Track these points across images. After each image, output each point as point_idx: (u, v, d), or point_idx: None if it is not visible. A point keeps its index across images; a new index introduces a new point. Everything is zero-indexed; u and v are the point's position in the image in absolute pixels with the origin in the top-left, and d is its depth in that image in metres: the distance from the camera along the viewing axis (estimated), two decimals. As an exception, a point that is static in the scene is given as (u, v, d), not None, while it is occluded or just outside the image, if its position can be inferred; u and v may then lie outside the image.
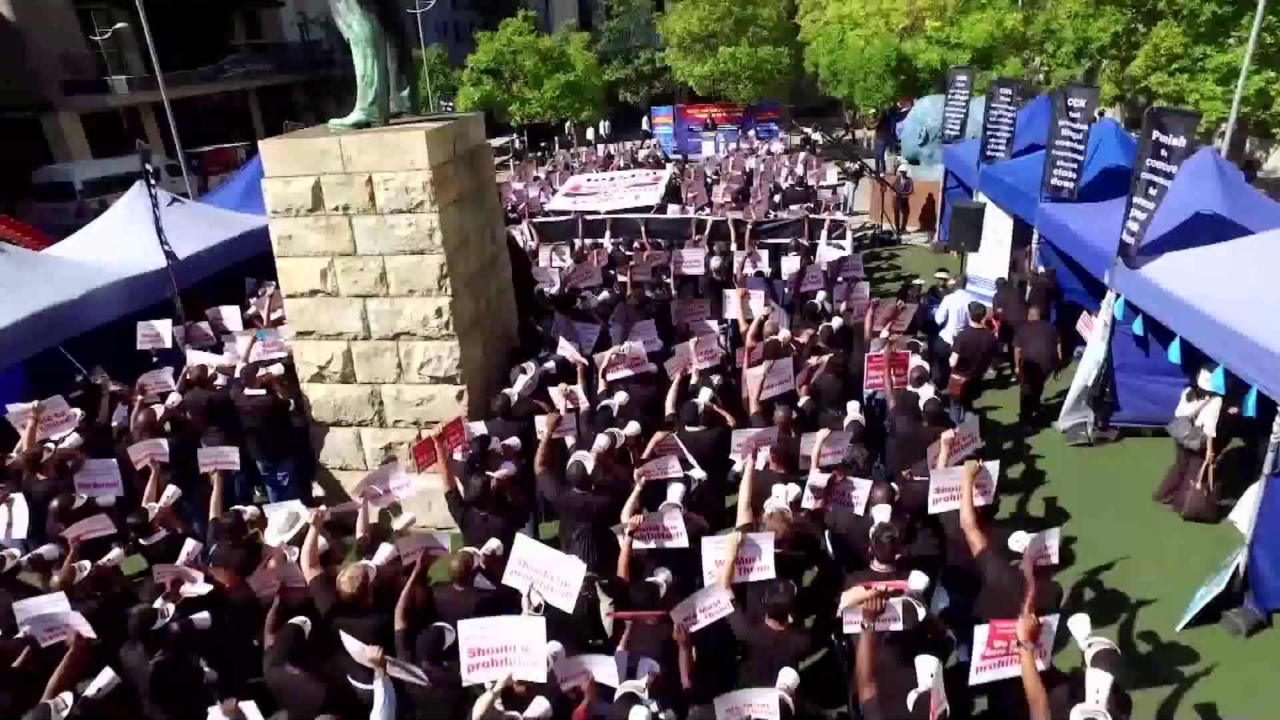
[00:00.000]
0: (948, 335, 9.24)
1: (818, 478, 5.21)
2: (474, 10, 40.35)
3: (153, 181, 9.11)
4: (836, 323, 7.99)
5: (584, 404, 6.09)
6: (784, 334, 7.31)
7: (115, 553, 5.06)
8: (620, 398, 6.11)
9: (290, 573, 4.83)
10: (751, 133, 25.28)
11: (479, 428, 5.81)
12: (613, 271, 10.70)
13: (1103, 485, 7.80)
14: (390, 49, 6.44)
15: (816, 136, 24.41)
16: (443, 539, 4.71)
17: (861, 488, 5.20)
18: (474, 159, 6.80)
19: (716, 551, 4.31)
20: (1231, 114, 11.42)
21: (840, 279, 9.32)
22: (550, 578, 4.19)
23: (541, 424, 5.55)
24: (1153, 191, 7.06)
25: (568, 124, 27.88)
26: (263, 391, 6.66)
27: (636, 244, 11.27)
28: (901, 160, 19.10)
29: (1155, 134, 7.03)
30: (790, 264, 9.62)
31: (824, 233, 10.87)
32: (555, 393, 6.01)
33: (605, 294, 9.58)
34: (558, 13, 39.33)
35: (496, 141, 31.59)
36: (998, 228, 11.83)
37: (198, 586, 4.77)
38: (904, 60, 19.96)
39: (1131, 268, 7.29)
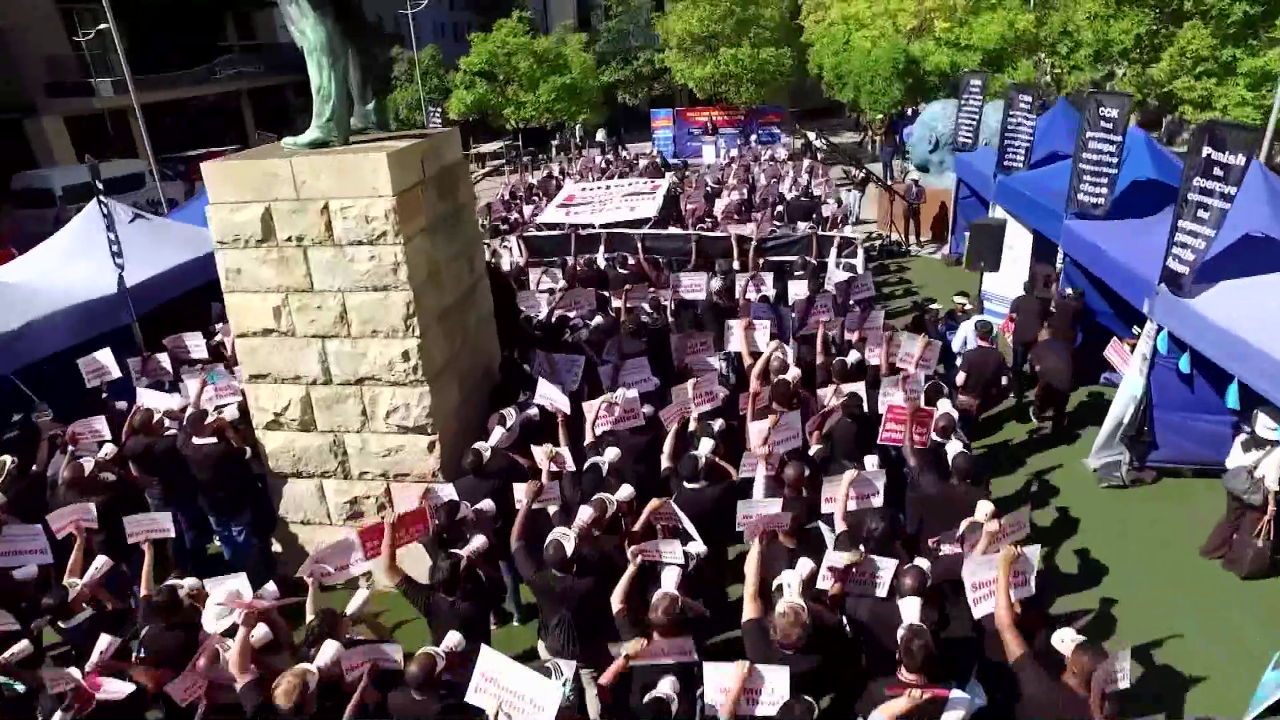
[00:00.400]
0: (965, 361, 8.56)
1: (835, 558, 4.52)
2: (470, 11, 39.67)
3: (103, 198, 8.41)
4: (852, 357, 7.30)
5: (569, 464, 5.37)
6: (793, 373, 6.60)
7: (20, 646, 4.36)
8: (610, 454, 5.41)
9: (222, 674, 4.14)
10: (753, 138, 24.58)
11: (448, 491, 5.10)
12: (606, 293, 10.01)
13: (1142, 535, 7.10)
14: (352, 57, 5.75)
15: (819, 142, 23.70)
16: (394, 651, 4.01)
17: (886, 569, 4.51)
18: (448, 180, 6.10)
19: (721, 679, 3.61)
20: (1270, 122, 10.70)
21: (853, 303, 8.61)
22: (521, 699, 3.50)
23: (520, 492, 4.86)
24: (1204, 214, 6.36)
25: (567, 126, 27.12)
26: (213, 440, 5.96)
27: (631, 261, 10.57)
28: (910, 167, 18.39)
29: (1207, 150, 6.33)
30: (797, 288, 8.91)
31: (833, 250, 10.15)
32: (539, 453, 5.30)
33: (599, 318, 8.90)
34: (556, 13, 38.60)
35: (490, 146, 31.06)
36: (1015, 243, 11.12)
37: (114, 689, 4.08)
38: (912, 63, 19.23)
39: (1184, 298, 6.57)
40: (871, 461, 5.51)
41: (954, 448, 5.54)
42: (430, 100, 20.55)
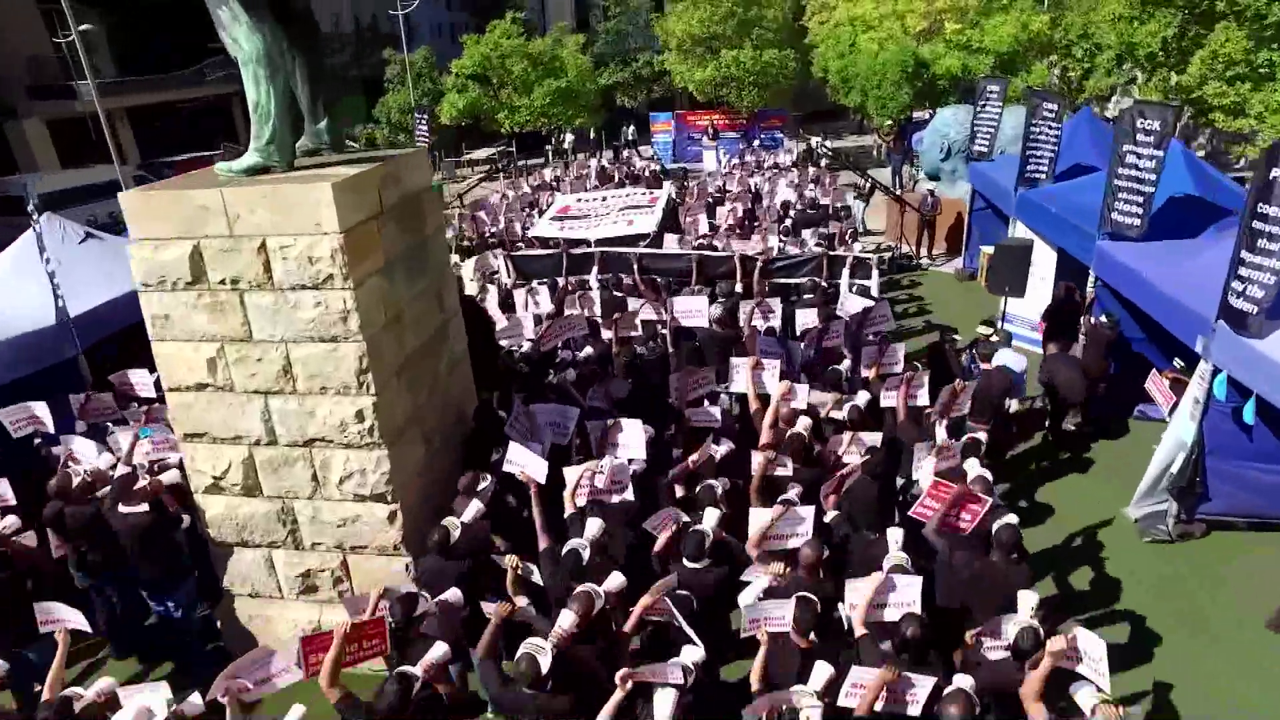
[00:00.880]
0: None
1: (862, 674, 3.77)
2: (464, 12, 38.91)
3: (44, 217, 7.66)
4: (863, 398, 6.54)
5: (535, 574, 4.56)
6: (804, 423, 5.84)
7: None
8: (593, 529, 4.64)
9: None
10: (755, 143, 23.79)
11: (404, 581, 4.34)
12: (598, 317, 9.26)
13: (1195, 599, 6.34)
14: (299, 68, 4.99)
15: (822, 149, 22.90)
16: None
17: (922, 687, 3.75)
18: (411, 209, 5.34)
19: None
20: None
21: (869, 335, 7.85)
22: None
23: (490, 611, 4.10)
24: (1273, 245, 5.59)
25: (558, 132, 26.24)
26: (142, 508, 5.20)
27: (627, 282, 9.81)
28: (920, 175, 17.62)
29: (1276, 172, 5.57)
30: (806, 316, 8.15)
31: (846, 272, 9.38)
32: (509, 570, 4.43)
33: (589, 348, 8.14)
34: (555, 14, 37.82)
35: (483, 153, 30.23)
36: (1039, 261, 10.35)
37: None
38: (921, 66, 18.44)
39: (1250, 338, 5.79)
40: (895, 539, 4.73)
41: (1002, 518, 4.78)
42: (419, 107, 19.66)
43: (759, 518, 4.68)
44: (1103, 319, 8.62)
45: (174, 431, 5.45)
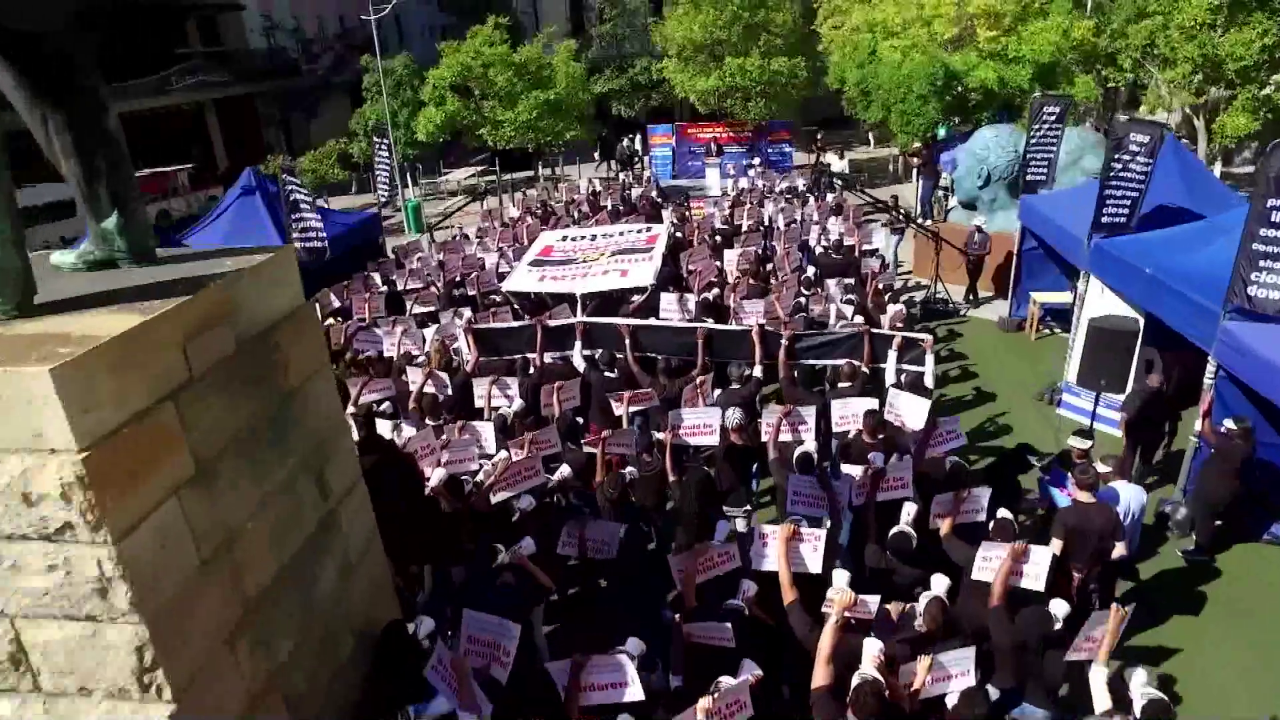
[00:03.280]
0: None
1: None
2: (450, 14, 36.94)
3: None
4: (938, 584, 4.61)
5: None
6: (875, 653, 3.87)
7: None
8: None
9: None
10: (757, 159, 21.76)
11: None
12: (580, 417, 7.34)
13: None
14: (62, 141, 3.03)
15: (837, 166, 20.92)
16: None
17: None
18: (260, 357, 3.35)
19: None
20: None
21: (946, 460, 5.90)
22: None
23: None
24: None
25: (546, 149, 24.08)
26: None
27: (618, 366, 7.86)
28: (953, 204, 15.63)
29: None
30: (846, 411, 6.26)
31: (892, 356, 7.39)
32: None
33: (566, 470, 6.20)
34: (548, 19, 35.78)
35: (462, 173, 28.06)
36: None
37: None
38: (952, 77, 16.44)
39: None
40: None
41: None
42: (378, 128, 17.45)
43: None
44: (1231, 425, 6.68)
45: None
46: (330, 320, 9.79)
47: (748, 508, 6.90)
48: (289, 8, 36.12)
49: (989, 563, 4.82)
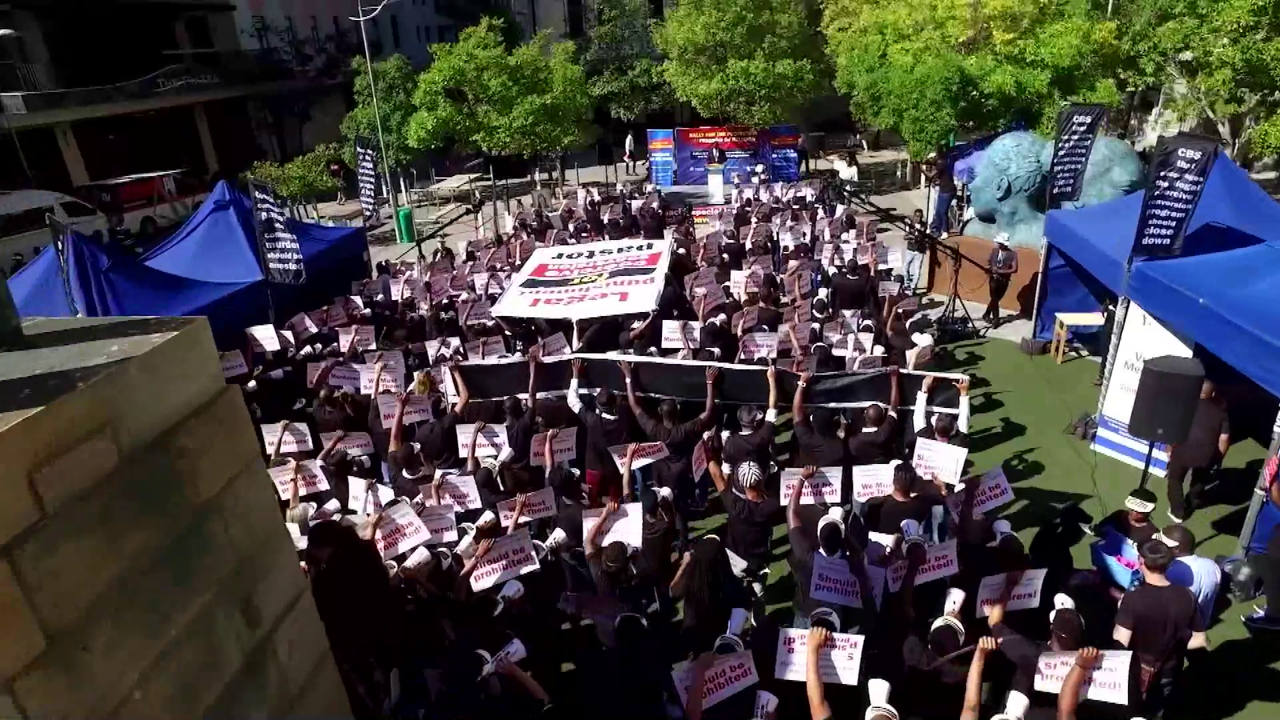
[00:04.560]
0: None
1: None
2: (445, 15, 36.18)
3: None
4: (1019, 705, 3.88)
5: None
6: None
7: None
8: None
9: None
10: (760, 167, 21.01)
11: None
12: (576, 466, 6.63)
13: None
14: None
15: (846, 174, 20.15)
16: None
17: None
18: (158, 468, 2.61)
19: None
20: None
21: (998, 532, 5.16)
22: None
23: None
24: None
25: (546, 154, 23.34)
26: None
27: (618, 408, 7.12)
28: (969, 216, 14.90)
29: None
30: (870, 479, 5.53)
31: (921, 399, 6.66)
32: None
33: (559, 534, 5.48)
34: (546, 20, 35.03)
35: (454, 182, 27.25)
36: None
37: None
38: (967, 82, 15.70)
39: None
40: None
41: None
42: (361, 139, 16.61)
43: None
44: (1306, 480, 5.93)
45: None
46: (306, 348, 9.05)
47: (766, 571, 6.19)
48: (280, 8, 35.36)
49: (1053, 669, 4.10)
